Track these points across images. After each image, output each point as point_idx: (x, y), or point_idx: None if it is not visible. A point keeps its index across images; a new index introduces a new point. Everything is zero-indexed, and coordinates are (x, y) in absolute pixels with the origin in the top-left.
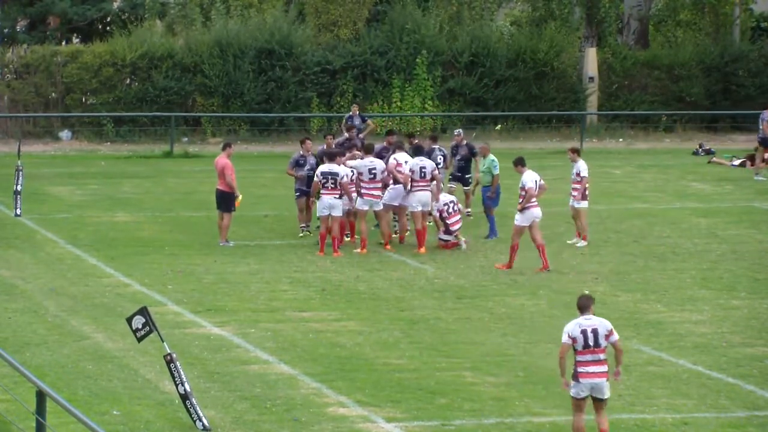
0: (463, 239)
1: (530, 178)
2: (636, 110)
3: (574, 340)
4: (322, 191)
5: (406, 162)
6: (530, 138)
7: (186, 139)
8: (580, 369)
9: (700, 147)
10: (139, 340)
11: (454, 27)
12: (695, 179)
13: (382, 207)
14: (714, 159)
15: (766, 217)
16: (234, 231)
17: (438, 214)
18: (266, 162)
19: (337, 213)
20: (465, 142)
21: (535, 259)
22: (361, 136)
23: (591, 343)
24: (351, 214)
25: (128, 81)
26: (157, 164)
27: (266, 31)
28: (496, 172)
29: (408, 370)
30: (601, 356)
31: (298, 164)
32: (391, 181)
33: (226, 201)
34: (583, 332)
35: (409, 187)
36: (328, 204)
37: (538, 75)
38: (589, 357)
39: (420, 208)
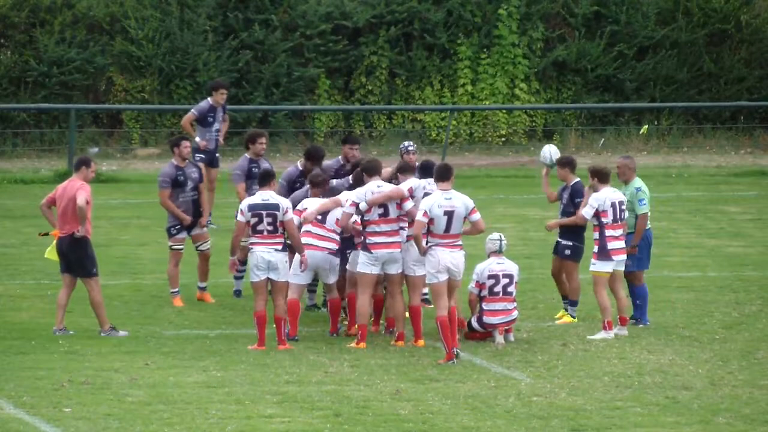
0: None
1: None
2: None
3: None
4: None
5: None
6: (701, 146)
7: (96, 149)
8: None
9: None
10: None
11: None
12: None
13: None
14: None
15: None
16: (182, 311)
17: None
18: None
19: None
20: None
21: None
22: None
23: None
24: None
25: None
26: (45, 194)
27: None
28: (644, 209)
29: None
30: None
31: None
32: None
33: (79, 257)
34: None
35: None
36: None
37: (714, 38)
38: None
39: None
